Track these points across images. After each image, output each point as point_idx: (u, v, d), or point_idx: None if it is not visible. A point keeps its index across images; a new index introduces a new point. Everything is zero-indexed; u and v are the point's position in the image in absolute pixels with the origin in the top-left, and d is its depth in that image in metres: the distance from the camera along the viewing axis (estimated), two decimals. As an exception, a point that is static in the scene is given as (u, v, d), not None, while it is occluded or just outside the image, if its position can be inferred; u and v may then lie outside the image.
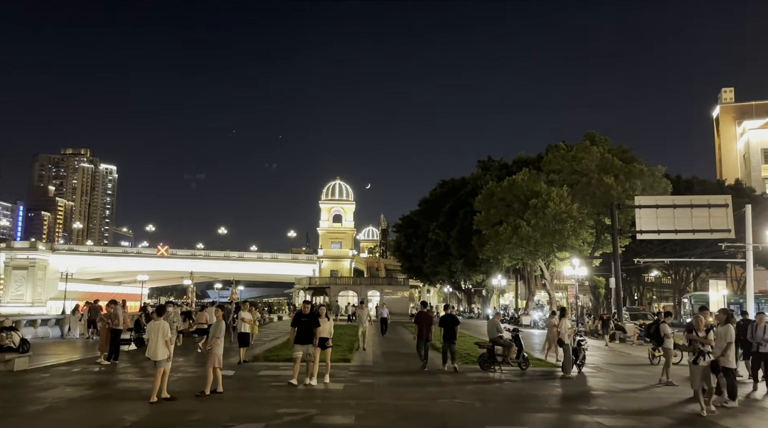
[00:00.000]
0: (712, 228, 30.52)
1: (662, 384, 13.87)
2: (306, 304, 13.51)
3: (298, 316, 13.09)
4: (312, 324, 12.58)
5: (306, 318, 12.74)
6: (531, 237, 40.88)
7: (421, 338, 16.06)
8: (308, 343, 12.41)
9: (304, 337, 12.41)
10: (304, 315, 12.89)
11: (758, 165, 69.63)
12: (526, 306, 56.10)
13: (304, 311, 13.06)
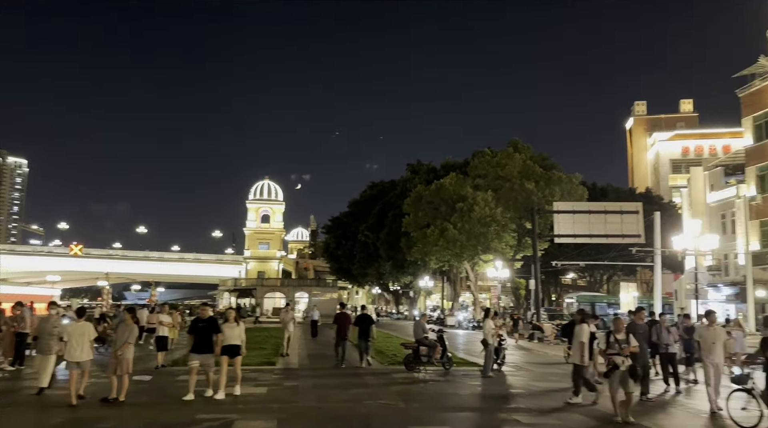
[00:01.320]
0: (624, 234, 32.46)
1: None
2: (205, 307, 11.94)
3: (195, 322, 11.55)
4: (211, 331, 11.14)
5: (204, 323, 11.22)
6: (457, 239, 41.87)
7: (338, 337, 17.15)
8: (207, 352, 11.01)
9: (201, 346, 11.01)
10: (201, 320, 11.33)
11: (667, 175, 74.53)
12: (451, 307, 57.35)
13: (202, 315, 11.48)
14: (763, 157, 37.41)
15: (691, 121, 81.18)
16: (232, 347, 11.30)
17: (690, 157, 71.79)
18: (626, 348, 9.67)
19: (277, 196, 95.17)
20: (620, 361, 9.47)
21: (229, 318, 11.79)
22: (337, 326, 17.39)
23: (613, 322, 10.34)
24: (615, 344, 9.72)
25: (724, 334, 11.11)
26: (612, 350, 9.69)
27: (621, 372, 9.46)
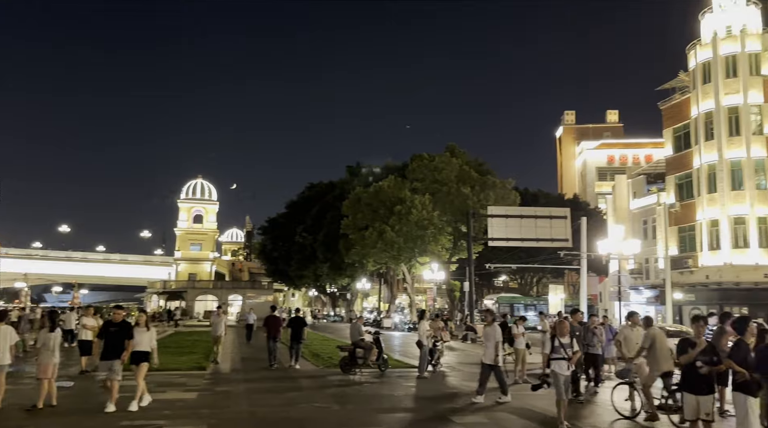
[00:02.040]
0: (553, 238, 33.71)
1: (518, 383, 14.89)
2: (118, 311, 11.02)
3: (106, 326, 10.74)
4: (123, 336, 10.32)
5: (116, 327, 10.39)
6: (395, 242, 42.22)
7: (269, 339, 17.68)
8: (116, 359, 10.14)
9: (112, 352, 10.15)
10: (113, 324, 10.50)
11: (593, 182, 78.00)
12: (388, 309, 57.68)
13: (115, 319, 10.63)
14: (682, 166, 39.81)
15: (616, 131, 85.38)
16: (140, 353, 10.57)
17: (615, 166, 75.45)
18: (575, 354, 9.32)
19: (210, 195, 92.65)
20: (566, 367, 9.12)
21: (139, 322, 11.03)
22: (267, 328, 17.85)
23: (558, 325, 9.92)
24: (560, 348, 9.29)
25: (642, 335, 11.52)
26: (557, 354, 9.26)
27: (565, 377, 9.15)
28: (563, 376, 9.11)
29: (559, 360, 9.19)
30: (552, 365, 9.24)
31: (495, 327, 11.90)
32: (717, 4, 38.94)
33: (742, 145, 35.74)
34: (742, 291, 34.81)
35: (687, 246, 38.94)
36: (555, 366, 9.20)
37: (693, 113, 38.76)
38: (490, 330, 11.81)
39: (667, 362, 10.04)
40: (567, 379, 9.20)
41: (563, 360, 9.17)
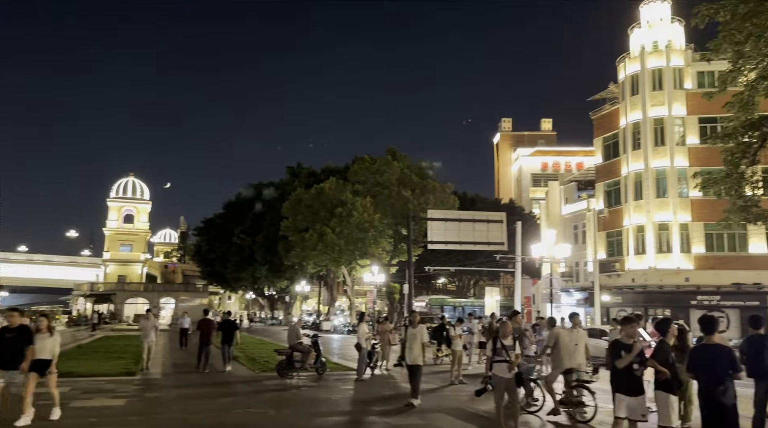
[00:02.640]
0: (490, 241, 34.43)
1: (454, 384, 15.11)
2: (12, 313, 9.70)
3: (1, 332, 9.55)
4: (21, 343, 9.22)
5: (12, 334, 9.26)
6: (336, 244, 42.05)
7: (201, 343, 17.59)
8: (15, 368, 9.11)
9: (9, 360, 9.12)
10: (9, 329, 9.37)
11: (528, 187, 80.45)
12: (328, 311, 57.35)
13: (11, 324, 9.44)
14: (611, 174, 41.68)
15: (550, 138, 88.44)
16: (41, 362, 9.46)
17: (549, 172, 78.11)
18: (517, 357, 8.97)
19: (143, 194, 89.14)
20: (508, 369, 8.81)
21: (41, 327, 9.82)
22: (200, 332, 17.84)
23: (501, 327, 9.47)
24: (502, 350, 8.94)
25: (586, 336, 11.84)
26: (499, 357, 8.94)
27: (507, 380, 8.79)
28: (504, 379, 8.80)
29: (501, 363, 8.89)
30: (493, 368, 8.95)
31: (421, 329, 11.81)
32: (645, 19, 41.04)
33: (667, 155, 37.79)
34: (665, 293, 36.75)
35: (615, 250, 40.79)
36: (496, 369, 8.91)
37: (621, 123, 40.66)
38: (417, 332, 11.69)
39: (569, 359, 10.70)
40: (509, 382, 8.85)
41: (505, 362, 8.86)
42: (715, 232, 35.68)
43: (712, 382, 6.29)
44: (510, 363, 8.78)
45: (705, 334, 6.77)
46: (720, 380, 6.29)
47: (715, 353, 6.47)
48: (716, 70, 31.64)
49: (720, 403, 6.22)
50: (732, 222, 21.18)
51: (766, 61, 20.21)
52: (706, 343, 6.64)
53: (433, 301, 54.50)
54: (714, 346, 6.59)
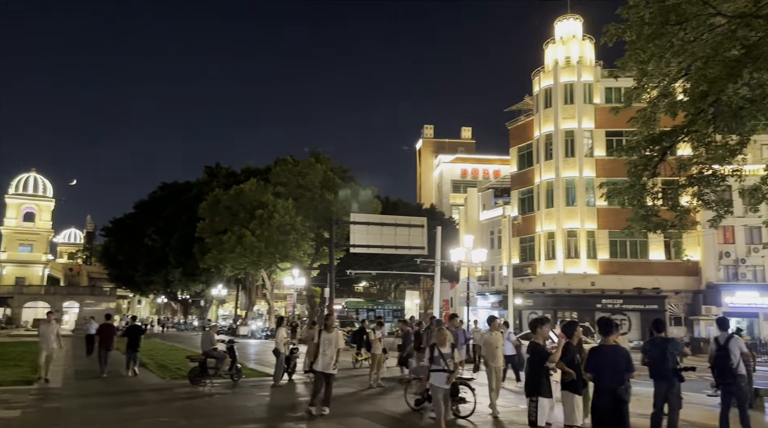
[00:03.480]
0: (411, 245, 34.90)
1: (372, 387, 15.11)
2: None
3: None
4: None
5: None
6: (255, 247, 41.09)
7: (102, 348, 17.38)
8: None
9: None
10: None
11: (448, 193, 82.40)
12: (245, 316, 55.94)
13: None
14: (525, 182, 43.48)
15: (469, 146, 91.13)
16: None
17: (468, 179, 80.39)
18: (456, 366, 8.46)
19: (45, 191, 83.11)
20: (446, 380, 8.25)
21: None
22: (100, 337, 17.70)
23: (437, 333, 8.88)
24: (440, 359, 8.34)
25: (502, 339, 12.08)
26: (437, 365, 8.37)
27: (445, 390, 8.32)
28: (442, 390, 8.26)
29: (439, 373, 8.31)
30: (431, 378, 8.38)
31: (337, 334, 11.03)
32: (558, 36, 43.22)
33: (576, 166, 39.91)
34: (572, 297, 38.75)
35: (527, 255, 42.56)
36: (434, 379, 8.34)
37: (535, 134, 42.55)
38: (332, 337, 10.85)
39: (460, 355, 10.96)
40: (446, 393, 8.34)
41: (443, 372, 8.28)
42: (619, 240, 38.05)
43: (615, 381, 6.55)
44: (450, 372, 8.23)
45: (603, 336, 7.01)
46: (622, 379, 6.57)
47: (615, 353, 6.74)
48: (623, 87, 33.86)
49: (621, 400, 6.54)
50: (634, 231, 22.56)
51: (667, 80, 21.78)
52: (606, 344, 6.88)
53: (350, 304, 54.66)
54: (614, 347, 6.87)
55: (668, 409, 8.53)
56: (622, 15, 21.38)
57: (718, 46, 18.67)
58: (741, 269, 37.48)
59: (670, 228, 21.97)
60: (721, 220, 21.42)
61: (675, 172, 21.85)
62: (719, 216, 21.11)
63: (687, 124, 20.38)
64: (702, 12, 19.58)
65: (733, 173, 20.81)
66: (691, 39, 20.20)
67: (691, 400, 12.73)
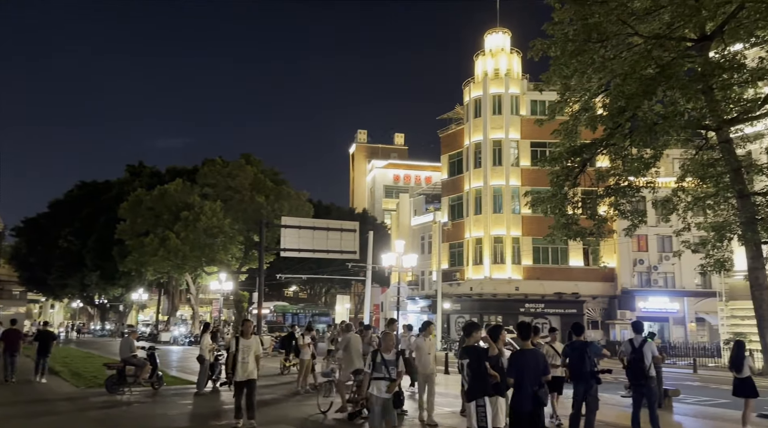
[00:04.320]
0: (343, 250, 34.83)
1: (300, 393, 14.89)
2: None
3: None
4: None
5: None
6: (180, 250, 39.66)
7: (7, 353, 16.72)
8: None
9: None
10: None
11: (381, 198, 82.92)
12: (167, 322, 53.88)
13: None
14: (455, 189, 44.45)
15: (402, 152, 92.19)
16: None
17: (400, 185, 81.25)
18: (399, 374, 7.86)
19: (-51, 187, 77.04)
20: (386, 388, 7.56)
21: None
22: (6, 343, 16.92)
23: (383, 338, 8.15)
24: (382, 366, 7.65)
25: (436, 345, 12.14)
26: (378, 373, 7.65)
27: (384, 400, 7.59)
28: (381, 399, 7.57)
29: (380, 380, 7.65)
30: (371, 386, 7.74)
31: (256, 340, 10.33)
32: (488, 48, 44.57)
33: (503, 175, 41.23)
34: (498, 301, 39.90)
35: (456, 261, 43.49)
36: (374, 388, 7.70)
37: (465, 143, 43.63)
38: (251, 343, 10.09)
39: (359, 361, 11.50)
40: (386, 403, 7.67)
41: (384, 380, 7.63)
42: (542, 246, 39.58)
43: (536, 383, 6.74)
44: (392, 381, 7.62)
45: (522, 339, 7.18)
46: (540, 381, 6.78)
47: (535, 357, 6.97)
48: (547, 100, 35.31)
49: (541, 403, 6.75)
50: (556, 238, 23.60)
51: (588, 95, 22.96)
52: (526, 348, 7.06)
53: (277, 308, 53.88)
54: (533, 350, 7.11)
55: (586, 410, 8.90)
56: (548, 31, 22.44)
57: (636, 65, 19.94)
58: (653, 276, 39.91)
59: (588, 236, 23.19)
60: (635, 229, 22.86)
61: (594, 183, 23.10)
62: (634, 225, 22.51)
63: (605, 137, 21.61)
64: (621, 31, 20.86)
65: (647, 185, 22.23)
66: (611, 56, 21.49)
67: (608, 401, 13.41)
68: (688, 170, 21.71)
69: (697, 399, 15.63)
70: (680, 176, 21.99)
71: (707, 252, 21.73)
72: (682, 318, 39.51)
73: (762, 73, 18.32)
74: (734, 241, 21.68)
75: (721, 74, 18.44)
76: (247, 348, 10.04)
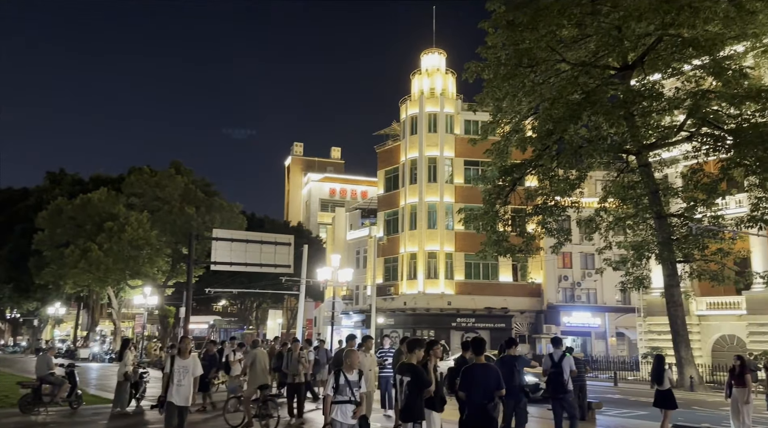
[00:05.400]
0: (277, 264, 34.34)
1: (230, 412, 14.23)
2: None
3: None
4: None
5: None
6: (102, 262, 37.77)
7: None
8: None
9: None
10: None
11: (316, 212, 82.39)
12: (87, 337, 51.06)
13: None
14: (391, 204, 44.87)
15: (338, 166, 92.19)
16: None
17: (336, 199, 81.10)
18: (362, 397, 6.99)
19: None
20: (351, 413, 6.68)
21: None
22: None
23: (347, 356, 7.08)
24: (346, 387, 6.75)
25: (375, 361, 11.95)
26: (342, 396, 6.72)
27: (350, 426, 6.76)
28: (347, 426, 6.71)
29: (344, 404, 6.72)
30: (333, 411, 6.71)
31: (194, 359, 9.19)
32: (424, 67, 45.56)
33: (437, 192, 42.04)
34: (431, 316, 40.42)
35: (391, 275, 43.80)
36: (338, 413, 6.70)
37: (402, 159, 44.24)
38: (188, 363, 8.96)
39: (264, 377, 11.80)
40: None
41: (350, 403, 6.75)
42: (473, 262, 40.53)
43: (486, 398, 6.78)
44: (357, 404, 6.77)
45: (475, 355, 7.28)
46: (491, 397, 6.83)
47: (486, 372, 6.99)
48: (480, 120, 36.44)
49: (491, 418, 6.81)
50: (487, 254, 24.27)
51: (519, 117, 23.92)
52: (477, 363, 7.13)
53: (218, 323, 52.28)
54: (484, 365, 7.13)
55: (515, 423, 9.12)
56: (482, 54, 23.28)
57: (563, 90, 21.00)
58: (577, 291, 41.67)
59: (518, 253, 24.04)
60: (561, 247, 23.91)
61: (523, 202, 24.03)
62: (560, 243, 23.55)
63: (534, 158, 22.58)
64: (550, 58, 21.94)
65: (572, 205, 23.34)
66: (540, 81, 22.53)
67: (534, 414, 13.81)
68: (609, 191, 22.97)
69: (618, 412, 16.35)
70: (602, 197, 23.24)
71: (627, 270, 22.97)
72: (603, 332, 41.39)
73: (678, 102, 19.73)
74: (652, 260, 23.05)
75: (641, 102, 19.71)
76: (184, 369, 8.91)
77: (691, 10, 17.79)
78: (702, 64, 19.41)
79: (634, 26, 18.86)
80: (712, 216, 20.96)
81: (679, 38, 19.22)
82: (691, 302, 29.06)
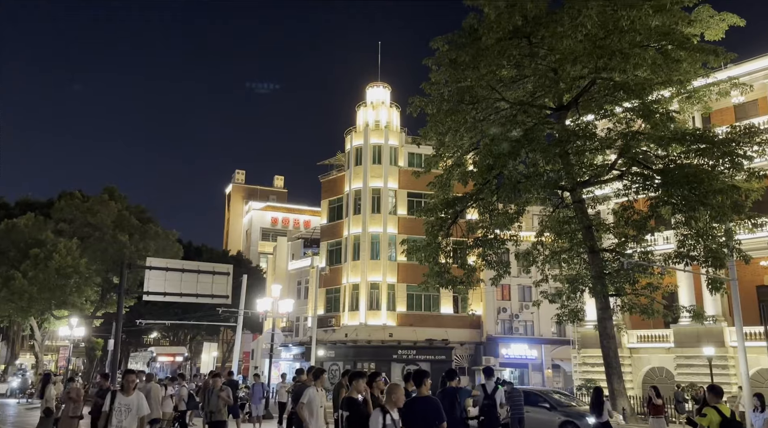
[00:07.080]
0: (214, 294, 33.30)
1: None
2: None
3: None
4: None
5: None
6: (26, 291, 35.51)
7: None
8: None
9: None
10: None
11: (257, 241, 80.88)
12: (5, 371, 47.59)
13: None
14: (334, 234, 44.62)
15: (281, 195, 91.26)
16: None
17: (278, 228, 79.99)
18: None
19: None
20: None
21: None
22: None
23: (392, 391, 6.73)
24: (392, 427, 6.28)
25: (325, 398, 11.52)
26: None
27: None
28: None
29: None
30: None
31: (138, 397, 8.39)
32: (369, 100, 46.18)
33: (381, 223, 42.19)
34: (372, 347, 40.02)
35: (333, 306, 43.27)
36: None
37: (346, 190, 44.29)
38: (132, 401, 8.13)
39: (157, 411, 12.32)
40: None
41: None
42: (415, 293, 40.66)
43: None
44: None
45: (417, 387, 7.13)
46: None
47: (426, 405, 6.85)
48: (424, 154, 37.05)
49: None
50: (430, 285, 24.40)
51: (460, 152, 24.47)
52: (419, 396, 7.01)
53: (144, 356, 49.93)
54: (425, 398, 6.99)
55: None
56: (426, 90, 23.82)
57: (503, 127, 21.71)
58: (515, 323, 42.39)
59: (459, 285, 24.28)
60: (500, 279, 24.34)
61: (465, 234, 24.43)
62: (499, 275, 23.99)
63: (475, 192, 23.09)
64: (490, 96, 22.67)
65: (510, 238, 23.91)
66: (481, 118, 23.21)
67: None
68: (546, 226, 23.70)
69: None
70: (539, 231, 23.95)
71: (562, 303, 23.57)
72: (540, 364, 42.13)
73: (610, 142, 20.75)
74: (586, 293, 23.79)
75: (575, 141, 20.59)
76: (126, 408, 7.92)
77: (622, 56, 18.87)
78: (632, 106, 20.52)
79: (569, 69, 19.81)
80: (642, 252, 21.90)
81: (611, 82, 20.31)
82: (623, 335, 30.07)
